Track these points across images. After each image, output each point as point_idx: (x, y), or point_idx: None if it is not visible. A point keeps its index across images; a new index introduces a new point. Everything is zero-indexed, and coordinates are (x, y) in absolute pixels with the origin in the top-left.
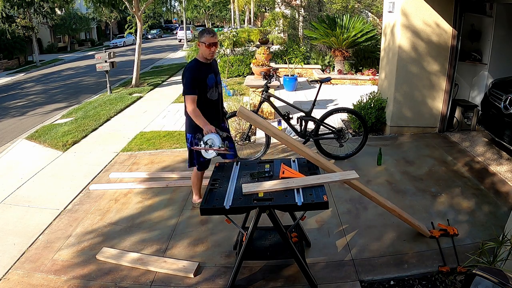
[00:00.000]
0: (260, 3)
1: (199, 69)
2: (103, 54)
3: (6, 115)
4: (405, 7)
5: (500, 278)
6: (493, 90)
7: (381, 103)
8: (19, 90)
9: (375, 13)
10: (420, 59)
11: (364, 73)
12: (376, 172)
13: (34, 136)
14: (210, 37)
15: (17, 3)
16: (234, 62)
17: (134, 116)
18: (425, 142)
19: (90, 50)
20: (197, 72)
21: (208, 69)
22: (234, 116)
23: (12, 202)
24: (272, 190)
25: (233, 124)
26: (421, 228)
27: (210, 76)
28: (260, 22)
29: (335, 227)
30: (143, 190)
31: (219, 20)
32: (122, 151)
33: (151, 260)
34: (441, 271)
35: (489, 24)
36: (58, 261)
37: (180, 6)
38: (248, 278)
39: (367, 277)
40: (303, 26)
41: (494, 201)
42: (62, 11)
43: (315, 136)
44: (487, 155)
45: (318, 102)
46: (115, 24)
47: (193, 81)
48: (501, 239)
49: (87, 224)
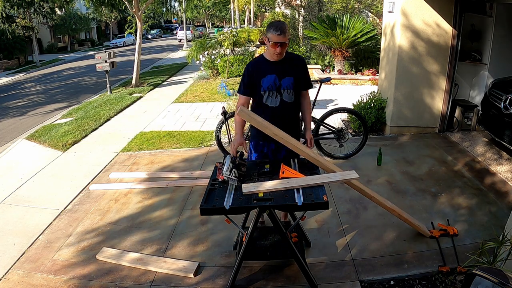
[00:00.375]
0: (260, 3)
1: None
2: (103, 54)
3: (6, 115)
4: (405, 7)
5: (500, 278)
6: (493, 90)
7: (381, 103)
8: (19, 90)
9: (375, 13)
10: (420, 59)
11: (364, 73)
12: (376, 172)
13: (34, 136)
14: (278, 35)
15: (17, 3)
16: (234, 62)
17: (134, 116)
18: (425, 142)
19: (90, 50)
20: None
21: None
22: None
23: (12, 202)
24: (272, 190)
25: (233, 124)
26: (421, 228)
27: (268, 77)
28: (260, 22)
29: (335, 227)
30: (143, 190)
31: (219, 20)
32: (122, 151)
33: (151, 260)
34: (441, 271)
35: (489, 24)
36: (58, 261)
37: (180, 6)
38: (248, 278)
39: (367, 277)
40: (303, 26)
41: (494, 201)
42: (62, 11)
43: (315, 136)
44: (487, 155)
45: (318, 102)
46: (115, 24)
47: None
48: (501, 239)
49: (87, 224)
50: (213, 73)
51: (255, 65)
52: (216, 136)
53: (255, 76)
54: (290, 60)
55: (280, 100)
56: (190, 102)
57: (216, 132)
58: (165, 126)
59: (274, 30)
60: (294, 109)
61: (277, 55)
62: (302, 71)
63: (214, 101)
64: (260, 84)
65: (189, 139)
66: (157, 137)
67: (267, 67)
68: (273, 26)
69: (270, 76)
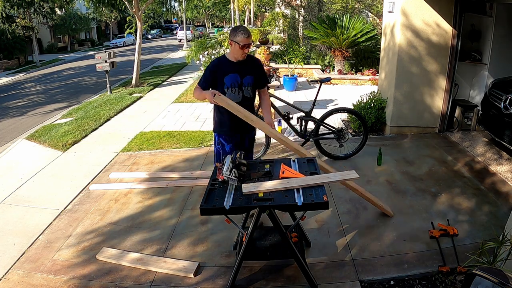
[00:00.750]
0: (260, 3)
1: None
2: (103, 54)
3: (6, 115)
4: (405, 7)
5: (500, 278)
6: (493, 90)
7: (381, 103)
8: (19, 90)
9: (375, 13)
10: (420, 59)
11: (364, 73)
12: (376, 172)
13: (34, 136)
14: (246, 38)
15: (17, 3)
16: None
17: (134, 116)
18: (425, 142)
19: (90, 50)
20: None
21: (233, 68)
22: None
23: (12, 202)
24: (272, 190)
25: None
26: (385, 208)
27: (231, 76)
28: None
29: (335, 227)
30: (143, 190)
31: (219, 20)
32: (122, 151)
33: (151, 260)
34: (441, 271)
35: (489, 24)
36: (58, 261)
37: (180, 6)
38: (248, 278)
39: (367, 277)
40: (303, 26)
41: (494, 201)
42: (62, 11)
43: (315, 136)
44: (487, 155)
45: (318, 102)
46: (115, 24)
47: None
48: (501, 239)
49: (87, 224)
50: None
51: (218, 65)
52: None
53: (218, 75)
54: (250, 61)
55: (242, 95)
56: (190, 102)
57: None
58: (165, 126)
59: (243, 34)
60: (252, 103)
61: (244, 55)
62: (260, 71)
63: None
64: (223, 82)
65: (189, 139)
66: (157, 137)
67: (230, 67)
68: (241, 31)
69: (232, 75)
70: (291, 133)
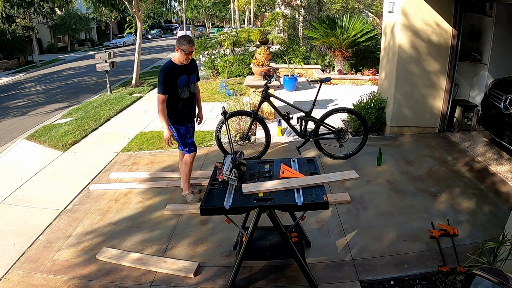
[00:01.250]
0: (260, 3)
1: (173, 71)
2: (103, 54)
3: (6, 115)
4: (405, 7)
5: (500, 278)
6: (493, 90)
7: (381, 103)
8: (19, 90)
9: (375, 13)
10: (420, 59)
11: (364, 73)
12: (376, 172)
13: (34, 136)
14: (190, 47)
15: (17, 3)
16: (234, 62)
17: (134, 116)
18: (425, 142)
19: (90, 50)
20: (171, 73)
21: (181, 71)
22: (234, 116)
23: (12, 202)
24: (272, 190)
25: (233, 124)
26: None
27: (182, 77)
28: (260, 22)
29: (335, 227)
30: (143, 190)
31: (219, 20)
32: (122, 151)
33: (151, 260)
34: (441, 271)
35: (489, 24)
36: (58, 261)
37: (179, 6)
38: (248, 278)
39: (367, 277)
40: (303, 26)
41: (494, 201)
42: (62, 11)
43: (315, 136)
44: (487, 155)
45: (318, 102)
46: (115, 24)
47: (165, 82)
48: (501, 239)
49: (87, 224)
50: (213, 73)
51: (171, 70)
52: (216, 136)
53: (173, 78)
54: (191, 62)
55: (189, 92)
56: None
57: (216, 132)
58: None
59: (188, 43)
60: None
61: (188, 60)
62: (197, 68)
63: (214, 101)
64: (176, 83)
65: None
66: (157, 137)
67: (180, 70)
68: (186, 40)
69: (183, 77)
70: (291, 133)
